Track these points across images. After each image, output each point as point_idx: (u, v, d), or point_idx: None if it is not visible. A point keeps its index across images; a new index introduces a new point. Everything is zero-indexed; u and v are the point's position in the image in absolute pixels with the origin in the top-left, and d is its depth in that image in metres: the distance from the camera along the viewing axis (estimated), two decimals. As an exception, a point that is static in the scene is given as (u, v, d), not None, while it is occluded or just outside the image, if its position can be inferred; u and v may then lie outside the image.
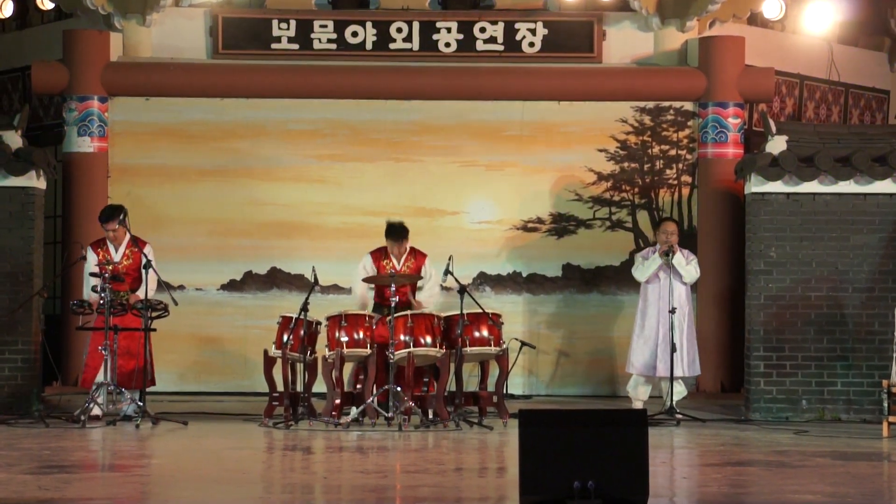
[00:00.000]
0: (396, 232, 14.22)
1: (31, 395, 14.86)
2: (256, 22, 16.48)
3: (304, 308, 13.59)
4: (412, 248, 14.32)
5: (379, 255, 14.28)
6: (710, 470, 10.71)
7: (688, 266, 14.61)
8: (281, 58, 16.43)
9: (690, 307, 14.74)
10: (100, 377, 13.74)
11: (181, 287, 15.74)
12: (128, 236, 14.13)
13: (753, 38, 16.67)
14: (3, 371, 14.97)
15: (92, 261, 14.11)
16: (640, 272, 14.76)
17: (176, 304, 14.01)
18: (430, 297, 14.29)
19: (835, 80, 18.07)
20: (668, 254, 14.55)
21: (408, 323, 13.46)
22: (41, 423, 13.56)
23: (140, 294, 13.83)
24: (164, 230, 15.87)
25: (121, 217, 14.11)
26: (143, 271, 13.87)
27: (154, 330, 13.92)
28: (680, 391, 14.56)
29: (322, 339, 13.80)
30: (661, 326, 14.56)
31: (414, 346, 13.44)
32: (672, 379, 14.32)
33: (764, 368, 14.90)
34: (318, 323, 13.83)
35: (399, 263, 14.18)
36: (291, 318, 13.65)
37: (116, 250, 14.17)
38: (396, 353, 13.33)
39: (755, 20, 17.05)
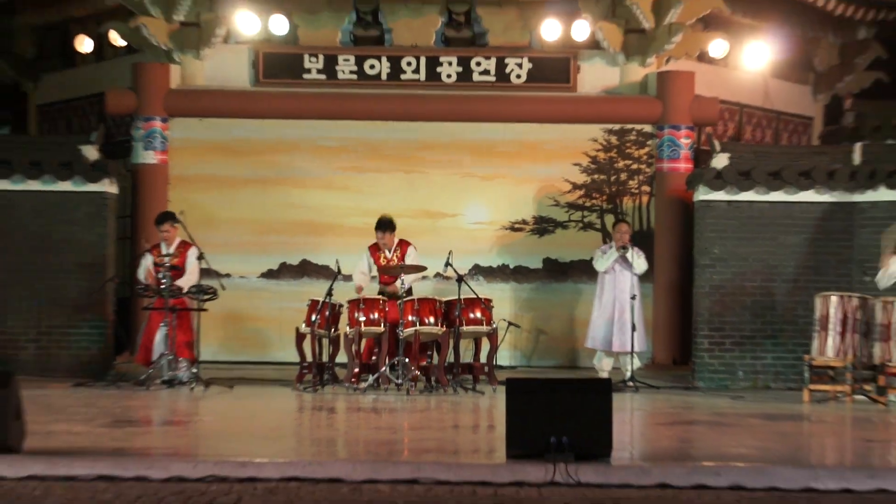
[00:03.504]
0: (382, 224, 14.23)
1: (105, 363, 14.96)
2: (291, 56, 16.52)
3: (329, 293, 13.65)
4: (400, 240, 14.37)
5: (375, 248, 14.33)
6: (663, 428, 10.75)
7: (639, 259, 14.69)
8: (311, 86, 16.45)
9: (639, 294, 14.75)
10: (159, 349, 13.82)
11: (228, 275, 15.74)
12: (178, 239, 14.22)
13: (702, 72, 16.70)
14: (82, 343, 15.08)
15: (149, 260, 14.19)
16: (601, 263, 14.81)
17: (224, 288, 14.07)
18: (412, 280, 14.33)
19: (768, 108, 18.12)
20: (624, 248, 14.63)
21: (415, 306, 13.52)
22: (113, 386, 13.64)
23: (181, 282, 13.94)
24: (214, 228, 15.92)
25: (171, 221, 14.21)
26: (197, 262, 13.98)
27: (206, 310, 14.00)
28: (637, 363, 14.64)
29: (344, 319, 13.86)
30: (616, 309, 14.62)
31: (420, 325, 13.49)
32: (633, 353, 14.40)
33: (708, 345, 14.97)
34: (341, 305, 13.89)
35: (390, 253, 14.24)
36: (318, 301, 13.71)
37: (168, 249, 14.24)
38: (405, 330, 13.40)
39: (703, 58, 17.09)
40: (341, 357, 13.94)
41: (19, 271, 15.16)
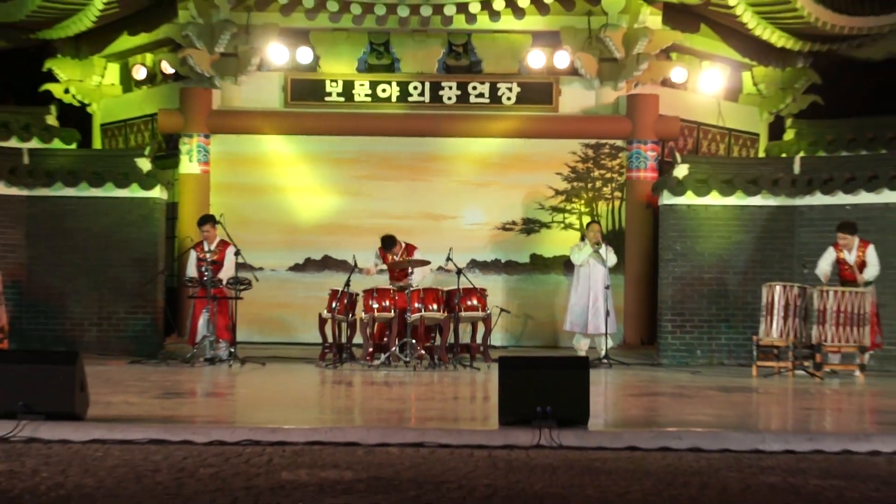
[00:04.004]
0: (384, 244, 14.17)
1: (156, 344, 14.95)
2: (315, 82, 16.52)
3: (347, 284, 13.64)
4: (406, 244, 14.33)
5: (384, 251, 14.28)
6: (633, 399, 10.73)
7: (610, 255, 14.66)
8: (332, 107, 16.45)
9: (609, 283, 14.73)
10: (202, 331, 13.82)
11: (261, 268, 15.76)
12: (218, 238, 14.19)
13: (665, 95, 16.70)
14: (137, 327, 15.09)
15: (193, 257, 14.17)
16: (577, 257, 14.78)
17: (257, 280, 14.10)
18: (422, 280, 14.25)
19: (721, 126, 18.11)
20: (598, 243, 14.62)
21: (420, 295, 13.51)
22: (163, 364, 13.65)
23: (221, 275, 13.89)
24: (249, 228, 15.90)
25: (212, 222, 14.18)
26: (234, 258, 13.95)
27: (242, 298, 13.98)
28: (611, 344, 14.60)
29: (359, 306, 13.84)
30: (591, 297, 14.58)
31: (425, 311, 13.48)
32: (606, 335, 14.38)
33: (671, 328, 14.98)
34: (357, 294, 13.87)
35: (398, 257, 14.21)
36: (338, 290, 13.69)
37: (209, 247, 14.23)
38: (412, 315, 13.38)
39: (666, 83, 17.08)
40: (357, 339, 13.92)
41: (84, 266, 15.18)
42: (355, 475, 6.49)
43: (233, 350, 13.70)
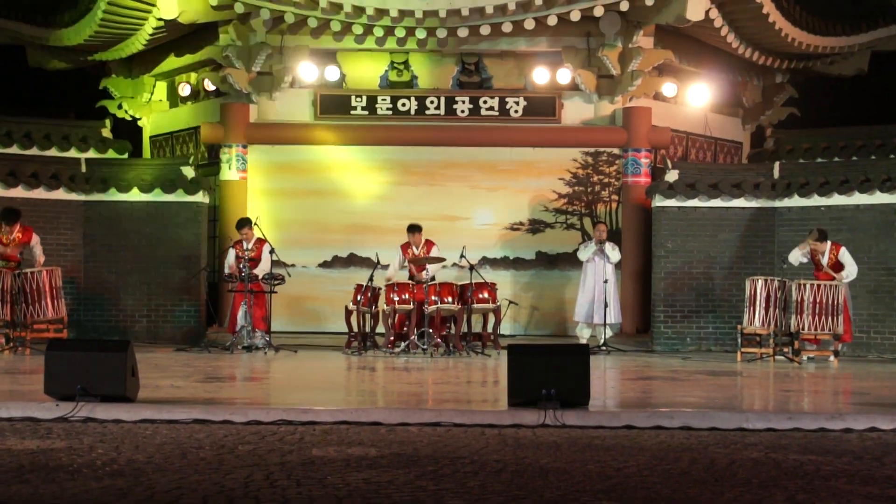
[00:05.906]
0: (413, 228, 14.18)
1: (199, 333, 14.97)
2: (341, 97, 16.49)
3: (371, 279, 13.63)
4: (426, 239, 14.30)
5: (406, 246, 14.24)
6: (629, 382, 10.69)
7: (613, 252, 14.64)
8: (357, 120, 16.43)
9: (614, 278, 14.73)
10: (241, 322, 13.81)
11: (293, 265, 15.73)
12: (255, 237, 14.17)
13: (657, 108, 16.63)
14: (182, 318, 15.12)
15: (232, 254, 14.15)
16: (583, 254, 14.79)
17: (290, 275, 14.12)
18: (437, 270, 14.20)
19: (708, 135, 18.05)
20: (601, 242, 14.58)
21: (437, 288, 13.49)
22: (206, 351, 13.66)
23: (257, 271, 13.87)
24: (283, 229, 15.90)
25: (248, 225, 14.15)
26: (268, 255, 13.93)
27: (276, 292, 13.97)
28: (609, 333, 14.56)
29: (382, 299, 13.83)
30: (597, 291, 14.57)
31: (440, 304, 13.45)
32: (605, 324, 14.34)
33: (663, 318, 14.95)
34: (379, 288, 13.86)
35: (418, 249, 14.18)
36: (362, 285, 13.68)
37: (247, 245, 14.19)
38: (429, 307, 13.35)
39: (658, 97, 17.01)
40: (380, 328, 13.91)
41: (135, 263, 15.23)
42: (379, 452, 6.47)
43: (268, 339, 13.70)
